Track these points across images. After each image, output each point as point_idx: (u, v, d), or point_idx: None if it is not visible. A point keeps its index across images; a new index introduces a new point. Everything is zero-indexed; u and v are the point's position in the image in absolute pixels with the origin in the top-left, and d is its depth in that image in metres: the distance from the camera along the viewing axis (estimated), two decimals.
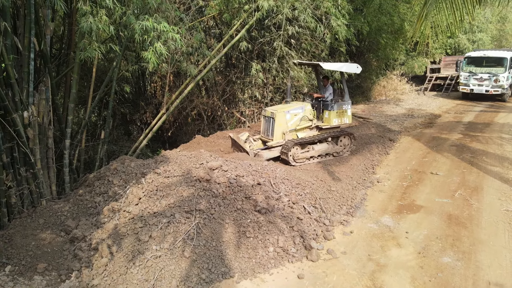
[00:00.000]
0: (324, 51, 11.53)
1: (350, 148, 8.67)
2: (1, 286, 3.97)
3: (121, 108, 10.95)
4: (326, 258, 4.64)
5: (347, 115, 8.46)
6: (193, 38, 8.59)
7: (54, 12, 6.47)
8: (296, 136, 8.07)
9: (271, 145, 7.79)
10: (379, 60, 17.63)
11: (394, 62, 21.38)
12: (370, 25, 13.15)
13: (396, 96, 19.02)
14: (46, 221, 5.16)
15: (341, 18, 9.96)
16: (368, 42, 16.00)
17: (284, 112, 7.88)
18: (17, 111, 5.34)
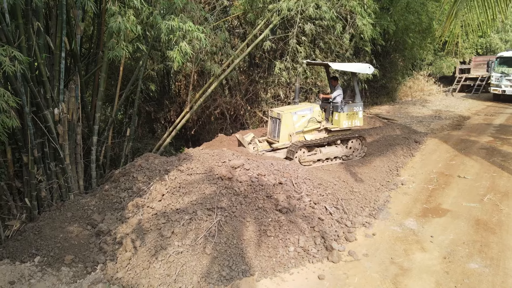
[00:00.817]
0: (348, 51, 11.38)
1: (361, 152, 8.37)
2: (30, 276, 4.14)
3: (146, 106, 11.18)
4: (347, 259, 4.58)
5: (358, 117, 8.16)
6: (218, 37, 8.67)
7: (84, 12, 6.69)
8: (303, 138, 7.85)
9: (276, 147, 7.60)
10: (405, 60, 17.22)
11: (421, 62, 20.86)
12: (396, 24, 12.87)
13: (423, 97, 18.55)
14: (73, 214, 5.34)
15: (366, 17, 9.79)
16: (394, 41, 15.66)
17: (291, 113, 7.66)
18: (48, 108, 5.55)
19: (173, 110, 11.11)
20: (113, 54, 5.95)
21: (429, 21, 14.37)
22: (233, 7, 10.26)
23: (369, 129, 10.97)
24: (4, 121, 4.64)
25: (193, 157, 6.06)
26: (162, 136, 9.27)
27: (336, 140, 8.02)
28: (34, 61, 5.32)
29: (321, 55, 10.93)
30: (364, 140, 8.45)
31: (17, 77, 4.98)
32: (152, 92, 11.65)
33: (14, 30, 5.07)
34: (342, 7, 9.75)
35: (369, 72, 8.23)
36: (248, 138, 7.94)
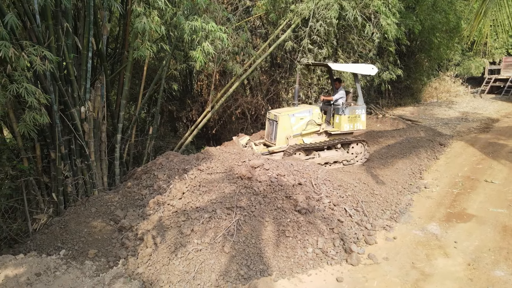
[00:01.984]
0: (372, 51, 11.21)
1: (363, 156, 8.07)
2: (55, 268, 4.29)
3: (169, 105, 11.35)
4: (366, 263, 4.52)
5: (360, 120, 7.85)
6: (240, 37, 8.71)
7: (111, 13, 6.86)
8: (302, 141, 7.61)
9: (272, 150, 7.36)
10: (431, 61, 16.78)
11: (448, 62, 20.28)
12: (422, 24, 12.56)
13: (449, 99, 18.04)
14: (97, 210, 5.50)
15: (391, 16, 9.61)
16: (420, 41, 15.29)
17: (289, 115, 7.43)
18: (75, 106, 5.73)
19: (195, 109, 11.24)
20: (138, 54, 6.09)
21: (457, 20, 13.95)
22: (256, 7, 10.29)
23: (392, 131, 10.77)
24: (35, 118, 4.84)
25: (213, 156, 6.13)
26: (183, 135, 9.41)
27: (336, 144, 7.73)
28: (62, 60, 5.51)
29: (343, 56, 10.81)
30: (366, 144, 8.13)
31: (47, 76, 5.17)
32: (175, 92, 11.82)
33: (44, 30, 5.26)
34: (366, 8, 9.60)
35: (372, 74, 7.94)
36: (243, 141, 7.72)
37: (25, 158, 5.64)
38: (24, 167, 5.55)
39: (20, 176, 5.60)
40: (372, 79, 12.19)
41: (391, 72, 11.88)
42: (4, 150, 5.76)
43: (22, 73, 4.65)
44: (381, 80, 12.07)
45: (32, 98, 4.64)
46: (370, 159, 8.07)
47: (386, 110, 14.35)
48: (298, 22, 9.52)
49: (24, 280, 3.93)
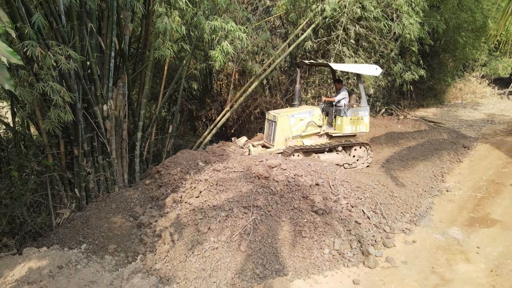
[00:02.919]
0: (393, 51, 11.01)
1: (366, 160, 7.82)
2: (76, 262, 4.42)
3: (189, 104, 11.48)
4: (384, 266, 4.45)
5: (363, 122, 7.60)
6: (259, 37, 8.73)
7: (134, 14, 7.00)
8: (301, 143, 7.42)
9: (270, 152, 7.19)
10: (456, 61, 16.32)
11: (473, 62, 19.68)
12: (447, 23, 12.24)
13: (474, 100, 17.50)
14: (117, 206, 5.63)
15: (414, 15, 9.42)
16: (444, 41, 14.90)
17: (288, 115, 7.26)
18: (97, 105, 5.88)
19: (214, 109, 11.32)
20: (159, 53, 6.19)
21: (484, 19, 13.51)
22: (276, 7, 10.28)
23: (413, 132, 10.55)
24: (60, 115, 5.00)
25: (231, 155, 6.16)
26: (203, 133, 9.49)
27: (336, 146, 7.52)
28: (86, 60, 5.66)
29: (364, 56, 10.67)
30: (369, 147, 7.86)
31: (71, 75, 5.33)
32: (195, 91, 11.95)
33: (69, 30, 5.42)
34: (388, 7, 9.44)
35: (376, 74, 7.70)
36: (240, 142, 7.55)
37: (50, 154, 5.83)
38: (49, 163, 5.74)
39: (45, 172, 5.79)
40: (393, 79, 11.97)
41: (413, 72, 11.64)
42: (30, 146, 5.98)
43: (48, 72, 4.81)
44: (403, 80, 11.84)
45: (57, 96, 4.79)
46: (390, 161, 7.93)
47: (408, 111, 14.07)
48: (319, 22, 9.45)
49: (46, 273, 4.06)
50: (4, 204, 5.57)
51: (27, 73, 4.99)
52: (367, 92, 11.75)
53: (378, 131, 10.92)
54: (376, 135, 10.53)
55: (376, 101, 12.62)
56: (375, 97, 12.44)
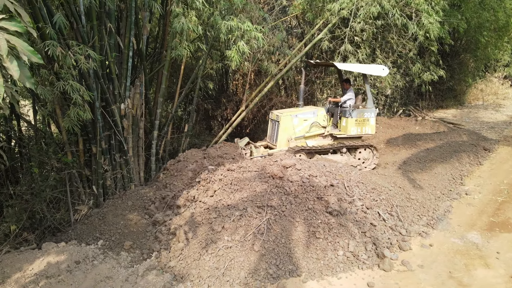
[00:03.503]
0: (412, 51, 10.82)
1: (372, 163, 7.64)
2: (93, 257, 4.50)
3: (205, 104, 11.56)
4: (400, 269, 4.38)
5: (369, 124, 7.43)
6: (275, 37, 8.72)
7: (151, 14, 7.09)
8: (305, 143, 7.28)
9: (272, 153, 7.08)
10: (477, 61, 15.91)
11: (496, 63, 19.15)
12: (468, 22, 11.94)
13: (496, 101, 17.02)
14: (133, 203, 5.71)
15: (433, 15, 9.23)
16: (465, 40, 14.55)
17: (291, 115, 7.16)
18: (115, 103, 5.98)
19: (229, 108, 11.37)
20: (176, 53, 6.26)
21: (507, 18, 13.12)
22: (292, 7, 10.25)
23: (431, 134, 10.34)
24: (79, 114, 5.12)
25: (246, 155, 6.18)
26: (218, 133, 9.55)
27: (341, 148, 7.35)
28: (105, 59, 5.77)
29: (381, 56, 10.52)
30: (375, 150, 7.68)
31: (90, 74, 5.44)
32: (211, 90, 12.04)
33: (89, 30, 5.53)
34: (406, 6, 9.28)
35: (383, 75, 7.49)
36: (242, 143, 7.43)
37: (69, 151, 5.96)
38: (68, 160, 5.87)
39: (64, 169, 5.93)
40: (412, 80, 11.76)
41: (432, 72, 11.41)
42: (50, 144, 6.13)
43: (68, 71, 4.92)
44: (421, 81, 11.62)
45: (77, 95, 4.90)
46: (407, 163, 7.79)
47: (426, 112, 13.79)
48: (335, 22, 9.37)
49: (64, 267, 4.15)
50: (25, 200, 5.73)
51: (48, 72, 5.12)
52: (385, 93, 11.59)
53: (395, 132, 10.76)
54: (393, 136, 10.38)
55: (394, 102, 12.43)
56: (392, 98, 12.25)
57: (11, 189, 5.98)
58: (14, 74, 2.23)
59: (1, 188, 6.13)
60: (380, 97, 11.71)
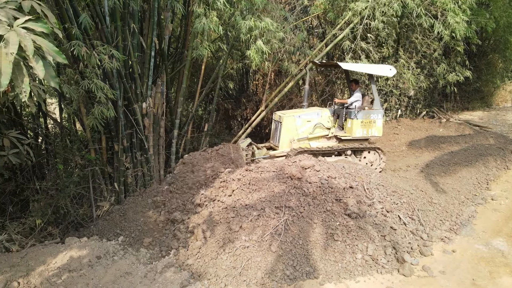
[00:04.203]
0: (437, 51, 10.54)
1: (378, 166, 7.40)
2: (114, 253, 4.60)
3: (225, 103, 11.63)
4: (420, 275, 4.27)
5: (376, 126, 7.21)
6: (296, 37, 8.67)
7: (174, 14, 7.19)
8: (308, 145, 7.12)
9: (274, 154, 6.94)
10: (506, 62, 15.33)
11: None
12: (497, 21, 11.52)
13: None
14: (153, 201, 5.80)
15: (460, 14, 8.96)
16: (493, 40, 14.06)
17: (294, 116, 7.00)
18: (137, 102, 6.09)
19: (249, 108, 11.38)
20: (197, 53, 6.32)
21: None
22: (313, 7, 10.16)
23: (456, 137, 10.05)
24: (103, 112, 5.25)
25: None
26: (237, 133, 9.58)
27: (345, 150, 7.14)
28: (128, 59, 5.89)
29: (405, 56, 10.30)
30: (382, 152, 7.43)
31: (113, 73, 5.56)
32: (231, 90, 12.10)
33: (113, 31, 5.66)
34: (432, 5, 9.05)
35: (390, 75, 7.30)
36: (243, 144, 7.25)
37: (92, 149, 6.12)
38: (91, 157, 6.02)
39: (88, 166, 6.09)
40: (436, 80, 11.45)
41: (458, 73, 11.08)
42: (75, 141, 6.31)
43: (92, 70, 5.05)
44: (446, 82, 11.30)
45: (101, 93, 5.02)
46: (429, 166, 7.60)
47: (451, 114, 13.41)
48: (357, 21, 9.23)
49: (86, 262, 4.26)
50: (50, 195, 5.92)
51: (73, 72, 5.27)
52: (407, 94, 11.34)
53: (418, 134, 10.52)
54: (416, 138, 10.15)
55: (417, 103, 12.14)
56: (415, 99, 11.97)
57: (37, 184, 6.18)
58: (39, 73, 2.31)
59: (28, 183, 6.35)
60: (402, 98, 11.46)
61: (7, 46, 2.26)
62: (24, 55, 2.30)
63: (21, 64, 2.32)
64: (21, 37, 2.32)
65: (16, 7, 2.50)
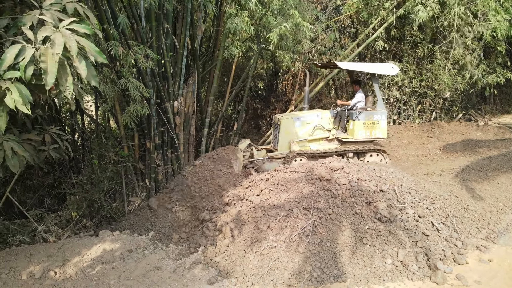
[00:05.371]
0: (476, 51, 10.10)
1: None
2: (144, 247, 4.73)
3: (254, 103, 11.67)
4: (454, 283, 4.11)
5: (380, 127, 6.91)
6: (327, 37, 8.58)
7: (206, 15, 7.30)
8: (308, 147, 6.91)
9: (272, 156, 6.78)
10: None
11: None
12: None
13: None
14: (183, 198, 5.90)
15: (502, 12, 8.54)
16: None
17: (293, 118, 6.82)
18: (169, 101, 6.23)
19: (278, 108, 11.37)
20: (228, 53, 6.39)
21: None
22: (346, 6, 10.01)
23: (495, 141, 9.60)
24: (138, 110, 5.41)
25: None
26: (266, 132, 9.60)
27: (346, 152, 6.88)
28: (161, 58, 6.04)
29: (441, 56, 9.94)
30: (386, 154, 7.10)
31: (147, 72, 5.71)
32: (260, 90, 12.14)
33: (147, 31, 5.82)
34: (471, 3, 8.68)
35: (392, 74, 6.97)
36: (242, 145, 7.06)
37: (125, 146, 6.31)
38: (124, 154, 6.22)
39: (121, 162, 6.29)
40: (474, 82, 10.97)
41: (498, 75, 10.56)
42: (109, 138, 6.53)
43: (128, 70, 5.22)
44: (485, 83, 10.80)
45: (137, 91, 5.18)
46: (465, 171, 7.30)
47: (490, 117, 12.81)
48: (392, 21, 9.01)
49: (118, 255, 4.41)
50: (85, 189, 6.16)
51: (110, 71, 5.46)
52: (443, 96, 10.94)
53: (453, 138, 10.13)
54: (451, 142, 9.78)
55: (453, 105, 11.69)
56: (451, 101, 11.53)
57: (74, 178, 6.45)
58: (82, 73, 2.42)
59: (65, 177, 6.64)
60: (437, 100, 11.07)
61: (54, 47, 2.39)
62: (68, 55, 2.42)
63: (65, 63, 2.44)
64: (66, 38, 2.44)
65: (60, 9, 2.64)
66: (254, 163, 6.77)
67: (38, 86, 2.70)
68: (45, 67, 2.48)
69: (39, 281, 3.91)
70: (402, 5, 8.73)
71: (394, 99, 10.80)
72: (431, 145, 9.77)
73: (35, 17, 2.60)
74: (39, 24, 2.64)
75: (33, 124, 4.57)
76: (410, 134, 10.47)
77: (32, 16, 2.64)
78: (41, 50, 2.47)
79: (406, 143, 9.91)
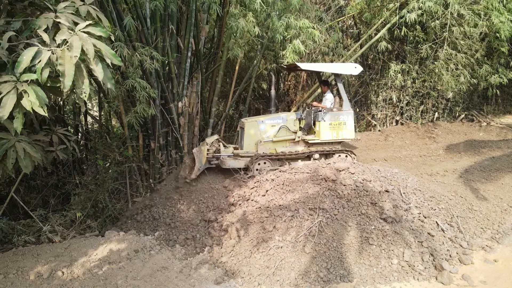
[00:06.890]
0: (478, 52, 10.11)
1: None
2: (150, 247, 4.74)
3: (256, 103, 11.68)
4: (460, 284, 4.12)
5: (346, 128, 6.80)
6: (330, 38, 8.59)
7: (209, 15, 7.31)
8: (274, 150, 6.88)
9: (237, 153, 6.70)
10: None
11: None
12: None
13: None
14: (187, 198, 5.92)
15: (505, 13, 8.55)
16: None
17: (257, 121, 6.78)
18: (173, 101, 6.25)
19: (281, 109, 11.38)
20: (232, 53, 6.40)
21: None
22: (349, 7, 10.03)
23: (498, 141, 9.61)
24: (145, 110, 5.43)
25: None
26: None
27: (312, 154, 6.83)
28: (166, 59, 6.05)
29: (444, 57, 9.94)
30: (354, 156, 7.02)
31: (152, 73, 5.73)
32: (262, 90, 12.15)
33: (152, 32, 5.83)
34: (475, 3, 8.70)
35: (355, 73, 6.88)
36: (209, 140, 6.70)
37: (130, 146, 6.32)
38: (128, 154, 6.23)
39: (125, 162, 6.30)
40: (477, 83, 10.98)
41: (501, 75, 10.58)
42: (114, 138, 6.54)
43: (134, 70, 5.24)
44: (488, 84, 10.81)
45: (143, 92, 5.20)
46: (469, 171, 7.30)
47: (492, 117, 12.82)
48: (395, 21, 9.02)
49: (124, 255, 4.42)
50: (90, 189, 6.17)
51: (115, 72, 5.47)
52: (445, 96, 10.95)
53: (456, 138, 10.13)
54: (454, 142, 9.78)
55: (455, 106, 11.70)
56: (453, 102, 11.54)
57: (77, 178, 6.46)
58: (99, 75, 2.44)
59: (69, 177, 6.65)
60: (440, 101, 11.08)
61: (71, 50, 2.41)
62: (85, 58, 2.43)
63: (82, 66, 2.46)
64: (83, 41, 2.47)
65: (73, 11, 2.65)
66: (219, 158, 6.64)
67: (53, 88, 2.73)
68: (63, 69, 2.50)
69: (47, 281, 3.92)
70: (405, 6, 8.73)
71: (397, 100, 10.80)
72: (434, 145, 9.77)
73: (50, 20, 2.63)
74: (53, 27, 2.66)
75: (40, 125, 4.58)
76: (413, 135, 10.48)
77: (47, 19, 2.66)
78: (58, 53, 2.50)
79: (409, 143, 9.92)
